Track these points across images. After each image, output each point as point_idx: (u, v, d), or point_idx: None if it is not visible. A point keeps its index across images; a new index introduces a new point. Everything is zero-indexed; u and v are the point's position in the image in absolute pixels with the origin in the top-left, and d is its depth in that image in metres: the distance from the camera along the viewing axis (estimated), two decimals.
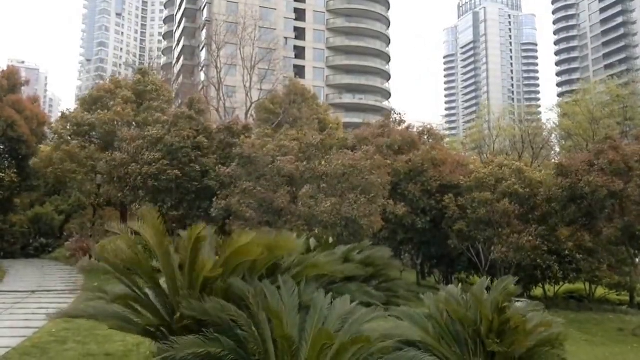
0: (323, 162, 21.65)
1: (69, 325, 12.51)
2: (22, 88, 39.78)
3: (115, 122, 30.17)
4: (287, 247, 6.88)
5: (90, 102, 32.98)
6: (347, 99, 79.17)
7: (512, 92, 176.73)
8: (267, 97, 42.02)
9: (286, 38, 73.49)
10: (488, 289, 8.22)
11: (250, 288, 5.66)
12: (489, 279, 10.02)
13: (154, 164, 23.26)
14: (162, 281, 6.80)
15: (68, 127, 31.12)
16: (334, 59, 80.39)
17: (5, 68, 38.87)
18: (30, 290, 18.99)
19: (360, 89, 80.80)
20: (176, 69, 77.23)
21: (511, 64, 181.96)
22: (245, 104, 43.63)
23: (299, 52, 77.24)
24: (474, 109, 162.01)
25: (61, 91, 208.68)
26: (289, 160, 21.45)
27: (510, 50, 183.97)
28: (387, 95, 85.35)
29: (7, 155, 36.94)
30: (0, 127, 34.46)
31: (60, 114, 35.70)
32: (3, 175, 36.36)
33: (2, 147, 36.48)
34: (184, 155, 23.69)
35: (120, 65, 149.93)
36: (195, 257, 6.35)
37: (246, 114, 42.33)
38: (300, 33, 77.81)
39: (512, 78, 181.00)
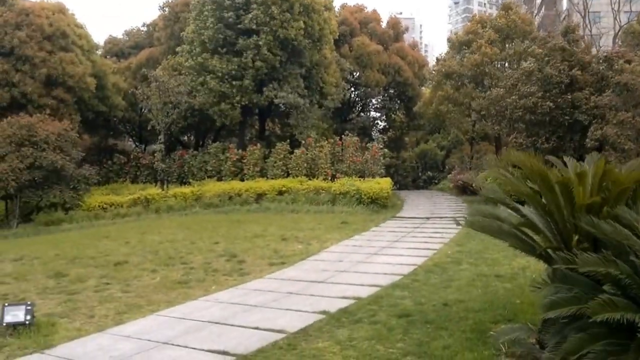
0: None
1: (461, 249, 13.60)
2: (404, 36, 43.17)
3: (484, 62, 30.23)
4: None
5: (458, 46, 33.66)
6: None
7: None
8: (638, 18, 36.57)
9: None
10: None
11: (637, 217, 5.28)
12: None
13: (530, 97, 22.91)
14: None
15: (442, 71, 32.41)
16: None
17: (388, 19, 42.57)
18: (425, 217, 21.02)
19: None
20: (537, 0, 72.65)
21: None
22: (614, 28, 39.05)
23: None
24: None
25: (434, 37, 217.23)
26: None
27: None
28: None
29: (396, 99, 40.96)
30: (389, 73, 38.25)
31: (435, 59, 37.49)
32: (395, 116, 40.59)
33: (392, 91, 40.52)
34: (555, 87, 22.75)
35: (484, 4, 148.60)
36: (581, 187, 6.14)
37: (614, 39, 37.94)
38: None
39: None
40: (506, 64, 31.27)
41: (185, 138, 38.10)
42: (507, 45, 31.71)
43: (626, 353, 4.40)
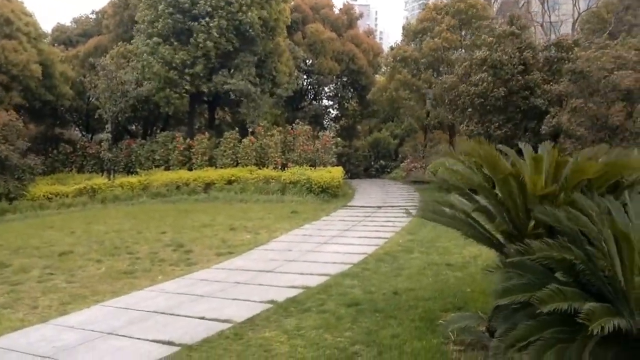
0: None
1: (413, 238, 13.65)
2: (358, 22, 43.18)
3: (442, 48, 30.54)
4: (631, 165, 6.15)
5: (412, 35, 33.88)
6: None
7: None
8: (598, 4, 37.53)
9: None
10: None
11: (593, 204, 5.27)
12: None
13: (480, 84, 23.16)
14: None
15: (397, 59, 32.56)
16: None
17: (342, 6, 42.54)
18: (376, 206, 21.08)
19: None
20: None
21: None
22: (573, 15, 39.92)
23: None
24: None
25: (390, 24, 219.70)
26: (627, 74, 19.09)
27: None
28: None
29: (350, 87, 40.99)
30: (343, 60, 38.23)
31: (389, 47, 37.68)
32: (347, 104, 40.62)
33: (345, 79, 40.52)
34: (507, 72, 23.00)
35: None
36: (536, 174, 6.16)
37: (573, 26, 38.80)
38: None
39: None
40: (462, 51, 31.49)
41: (134, 127, 37.33)
42: (463, 32, 32.00)
43: (574, 341, 4.44)
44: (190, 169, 27.89)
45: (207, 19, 27.05)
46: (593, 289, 4.90)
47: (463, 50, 31.00)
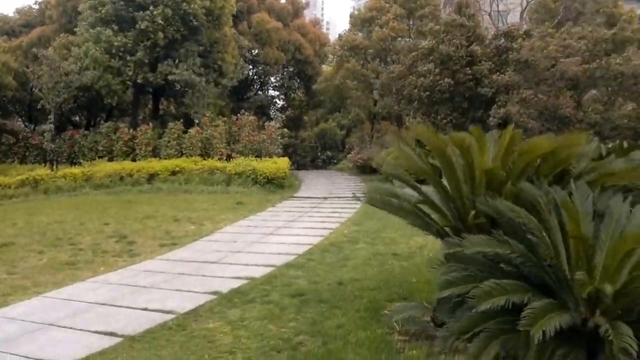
0: (618, 60, 19.09)
1: (359, 228, 13.77)
2: (304, 12, 43.15)
3: (389, 37, 30.86)
4: (574, 145, 6.29)
5: (360, 23, 34.15)
6: None
7: None
8: None
9: None
10: None
11: (541, 192, 5.34)
12: None
13: (428, 76, 23.31)
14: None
15: (345, 48, 32.76)
16: None
17: None
18: (322, 197, 21.21)
19: None
20: None
21: None
22: (521, 4, 40.73)
23: None
24: None
25: (336, 14, 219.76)
26: (574, 61, 19.48)
27: None
28: None
29: (296, 77, 40.95)
30: (289, 50, 38.14)
31: (338, 36, 37.85)
32: (294, 95, 40.56)
33: (292, 69, 40.45)
34: (455, 63, 23.15)
35: None
36: (480, 159, 6.20)
37: (521, 15, 39.66)
38: None
39: None
40: (410, 40, 31.59)
41: (77, 118, 36.56)
42: (411, 22, 32.24)
43: (518, 332, 4.45)
44: (134, 160, 27.43)
45: (151, 7, 26.64)
46: (535, 279, 4.96)
47: (410, 39, 31.22)
